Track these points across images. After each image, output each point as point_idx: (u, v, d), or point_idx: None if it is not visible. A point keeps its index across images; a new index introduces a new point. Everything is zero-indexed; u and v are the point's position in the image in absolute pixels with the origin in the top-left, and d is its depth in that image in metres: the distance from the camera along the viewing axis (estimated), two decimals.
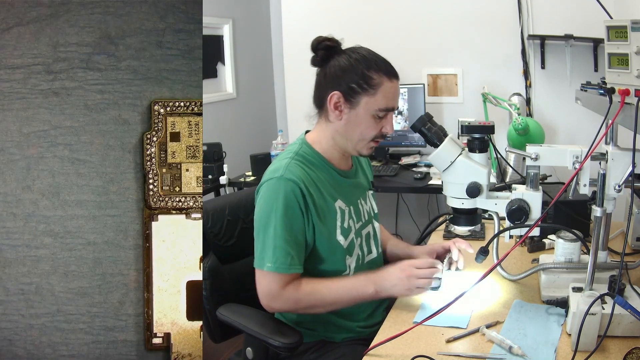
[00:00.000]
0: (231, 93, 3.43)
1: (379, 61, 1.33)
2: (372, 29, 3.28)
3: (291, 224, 1.28)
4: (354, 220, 1.41)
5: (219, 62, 3.36)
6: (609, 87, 1.12)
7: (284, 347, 1.26)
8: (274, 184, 1.29)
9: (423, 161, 3.06)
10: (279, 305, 1.31)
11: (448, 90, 3.23)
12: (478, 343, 1.15)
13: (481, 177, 1.27)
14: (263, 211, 1.30)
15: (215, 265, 1.54)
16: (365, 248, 1.45)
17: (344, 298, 1.31)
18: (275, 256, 1.27)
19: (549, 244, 1.62)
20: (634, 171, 1.13)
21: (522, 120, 2.26)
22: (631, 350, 1.04)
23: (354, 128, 1.33)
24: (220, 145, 2.88)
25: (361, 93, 1.30)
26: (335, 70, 1.33)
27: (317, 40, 1.35)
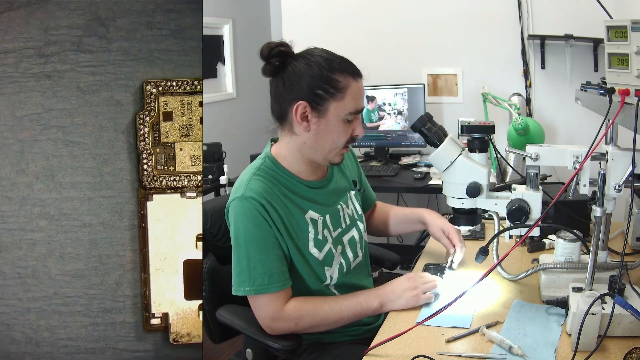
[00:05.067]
0: (231, 93, 3.42)
1: (341, 61, 1.25)
2: (372, 29, 3.28)
3: (263, 244, 1.25)
4: (329, 229, 1.37)
5: (219, 62, 3.36)
6: (609, 87, 1.12)
7: (283, 349, 1.26)
8: (237, 204, 1.26)
9: (423, 161, 3.06)
10: (280, 325, 1.26)
11: (448, 90, 3.23)
12: (478, 343, 1.15)
13: (481, 177, 1.26)
14: (233, 234, 1.28)
15: (214, 266, 1.53)
16: (351, 254, 1.42)
17: (347, 315, 1.29)
18: (252, 279, 1.24)
19: (549, 244, 1.62)
20: (634, 171, 1.13)
21: (522, 120, 2.26)
22: (631, 350, 1.04)
23: (325, 137, 1.27)
24: (220, 145, 2.87)
25: (328, 99, 1.23)
26: (294, 77, 1.24)
27: (268, 47, 1.24)
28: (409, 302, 1.29)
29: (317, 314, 1.28)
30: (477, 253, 1.31)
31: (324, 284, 1.36)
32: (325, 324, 1.29)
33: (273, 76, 1.28)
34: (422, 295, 1.30)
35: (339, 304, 1.30)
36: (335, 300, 1.32)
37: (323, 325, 1.30)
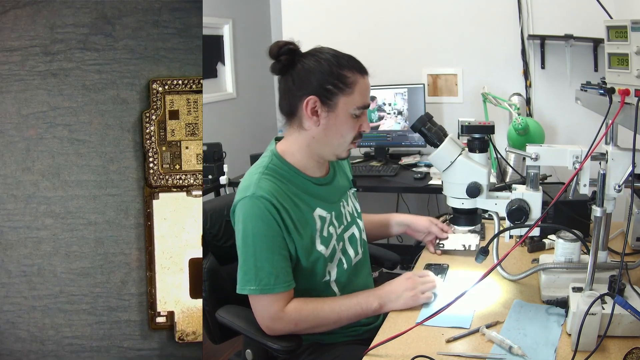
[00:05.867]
0: (231, 93, 3.42)
1: (349, 59, 1.30)
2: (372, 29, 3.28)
3: (271, 243, 1.25)
4: (334, 226, 1.39)
5: (219, 62, 3.36)
6: (609, 87, 1.12)
7: (283, 350, 1.26)
8: (247, 203, 1.26)
9: (423, 161, 3.06)
10: (280, 326, 1.27)
11: (448, 90, 3.23)
12: (478, 343, 1.15)
13: (481, 177, 1.26)
14: (240, 232, 1.28)
15: (214, 266, 1.54)
16: (351, 251, 1.43)
17: (347, 316, 1.29)
18: (258, 278, 1.24)
19: (549, 244, 1.62)
20: (634, 171, 1.13)
21: (522, 120, 2.26)
22: (631, 350, 1.04)
23: (334, 131, 1.30)
24: (220, 145, 2.87)
25: (338, 94, 1.27)
26: (304, 74, 1.28)
27: (277, 46, 1.29)
28: (407, 302, 1.30)
29: (317, 315, 1.28)
30: (477, 253, 1.31)
31: (324, 280, 1.37)
32: (325, 324, 1.30)
33: (282, 74, 1.31)
34: (421, 295, 1.31)
35: (338, 305, 1.30)
36: (335, 301, 1.33)
37: (323, 326, 1.30)
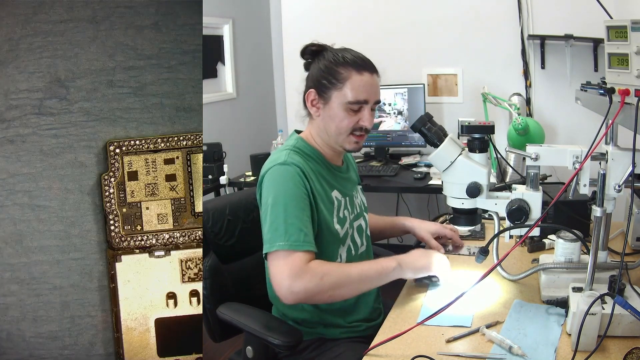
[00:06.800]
0: (231, 93, 3.42)
1: (350, 57, 1.36)
2: (372, 29, 3.28)
3: (301, 203, 1.28)
4: (348, 210, 1.44)
5: (219, 62, 3.36)
6: (609, 87, 1.12)
7: (283, 345, 1.26)
8: (279, 168, 1.31)
9: (423, 161, 3.06)
10: (303, 282, 1.20)
11: (448, 90, 3.23)
12: (478, 343, 1.15)
13: (481, 177, 1.27)
14: (271, 194, 1.28)
15: (216, 264, 1.54)
16: (358, 240, 1.47)
17: (369, 274, 1.28)
18: (288, 234, 1.23)
19: (549, 244, 1.62)
20: (634, 171, 1.13)
21: (522, 120, 2.26)
22: (631, 350, 1.04)
23: (330, 122, 1.37)
24: (220, 145, 2.88)
25: (330, 88, 1.35)
26: (312, 70, 1.41)
27: (304, 47, 1.42)
28: (424, 266, 1.33)
29: (342, 271, 1.26)
30: (477, 253, 1.31)
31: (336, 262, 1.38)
32: (350, 282, 1.26)
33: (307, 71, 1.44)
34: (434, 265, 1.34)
35: (360, 264, 1.32)
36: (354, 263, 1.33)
37: (347, 283, 1.26)
